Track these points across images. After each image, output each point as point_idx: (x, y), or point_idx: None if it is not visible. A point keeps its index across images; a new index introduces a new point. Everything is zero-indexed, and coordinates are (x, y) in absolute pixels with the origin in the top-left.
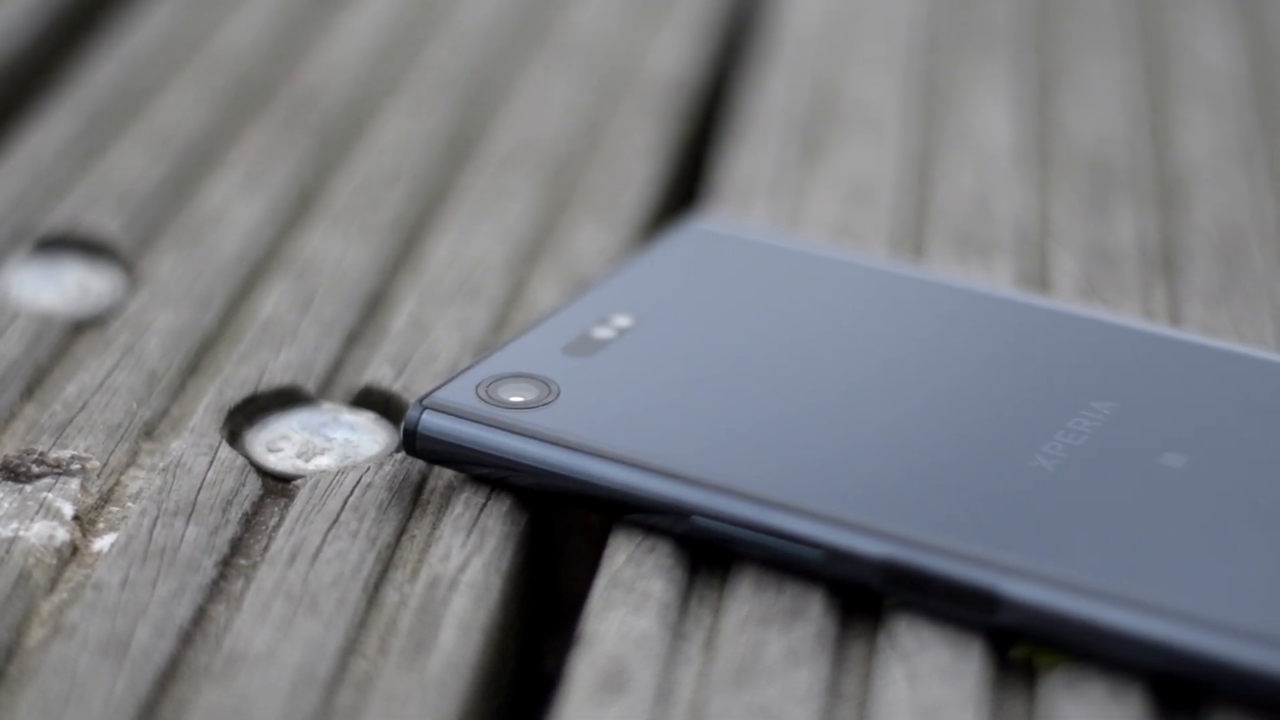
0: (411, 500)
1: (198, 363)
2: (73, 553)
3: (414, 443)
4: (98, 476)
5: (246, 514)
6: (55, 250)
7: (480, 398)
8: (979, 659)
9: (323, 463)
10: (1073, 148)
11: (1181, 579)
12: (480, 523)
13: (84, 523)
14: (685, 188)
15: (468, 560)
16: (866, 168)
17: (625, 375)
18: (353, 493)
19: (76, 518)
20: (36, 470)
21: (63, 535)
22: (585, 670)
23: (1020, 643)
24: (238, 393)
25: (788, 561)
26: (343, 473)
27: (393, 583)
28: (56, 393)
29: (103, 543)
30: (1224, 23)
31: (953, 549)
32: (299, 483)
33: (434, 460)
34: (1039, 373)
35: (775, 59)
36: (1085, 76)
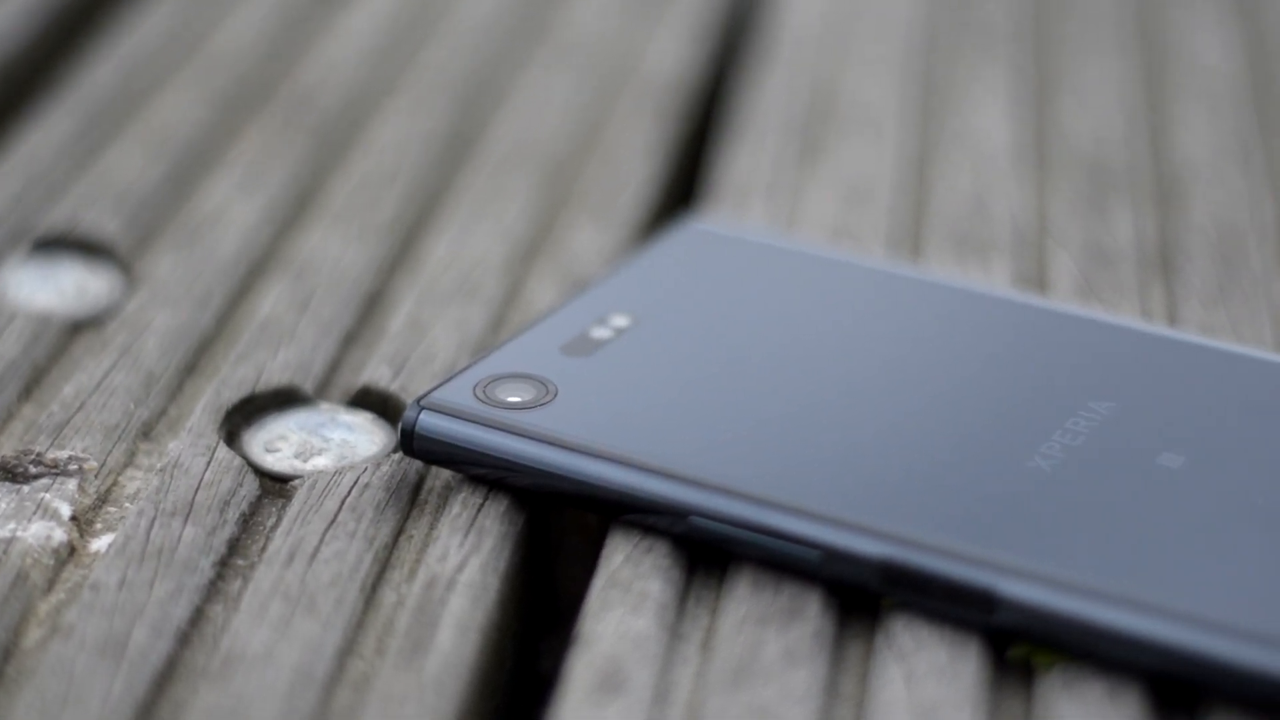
0: (409, 500)
1: (195, 363)
2: (70, 553)
3: (411, 443)
4: (95, 477)
5: (244, 514)
6: (53, 250)
7: (478, 398)
8: (976, 659)
9: (320, 463)
10: (1071, 148)
11: (1179, 579)
12: (478, 523)
13: (81, 523)
14: (683, 188)
15: (465, 560)
16: (864, 168)
17: (623, 375)
18: (350, 493)
19: (74, 518)
20: (34, 471)
21: (60, 536)
22: (583, 670)
23: (1018, 643)
24: (235, 393)
25: (785, 562)
26: (340, 473)
27: (390, 583)
28: (54, 393)
29: (100, 543)
30: (1222, 22)
31: (950, 549)
32: (296, 483)
33: (431, 460)
34: (1037, 373)
35: (773, 59)
36: (1083, 77)
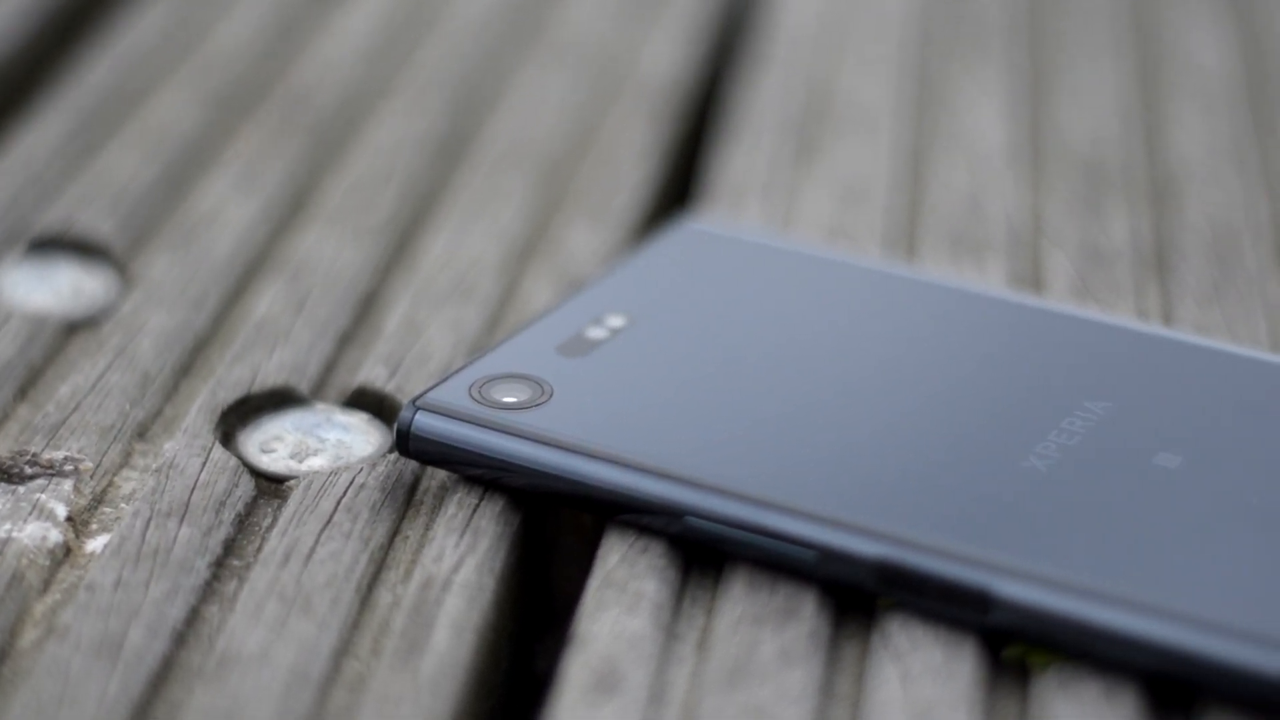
0: (405, 501)
1: (191, 363)
2: (66, 554)
3: (407, 443)
4: (91, 477)
5: (240, 515)
6: (48, 251)
7: (473, 398)
8: (972, 659)
9: (316, 463)
10: (1066, 147)
11: (1175, 579)
12: (473, 523)
13: (77, 524)
14: (679, 188)
15: (461, 561)
16: (860, 168)
17: (618, 376)
18: (346, 493)
19: (70, 519)
20: (30, 471)
21: (56, 536)
22: (578, 671)
23: (1013, 643)
24: (231, 393)
25: (781, 562)
26: (336, 473)
27: (386, 583)
28: (49, 394)
29: (96, 544)
30: (1216, 22)
31: (946, 549)
32: (292, 483)
33: (427, 461)
34: (1032, 372)
35: (768, 59)
36: (1078, 76)
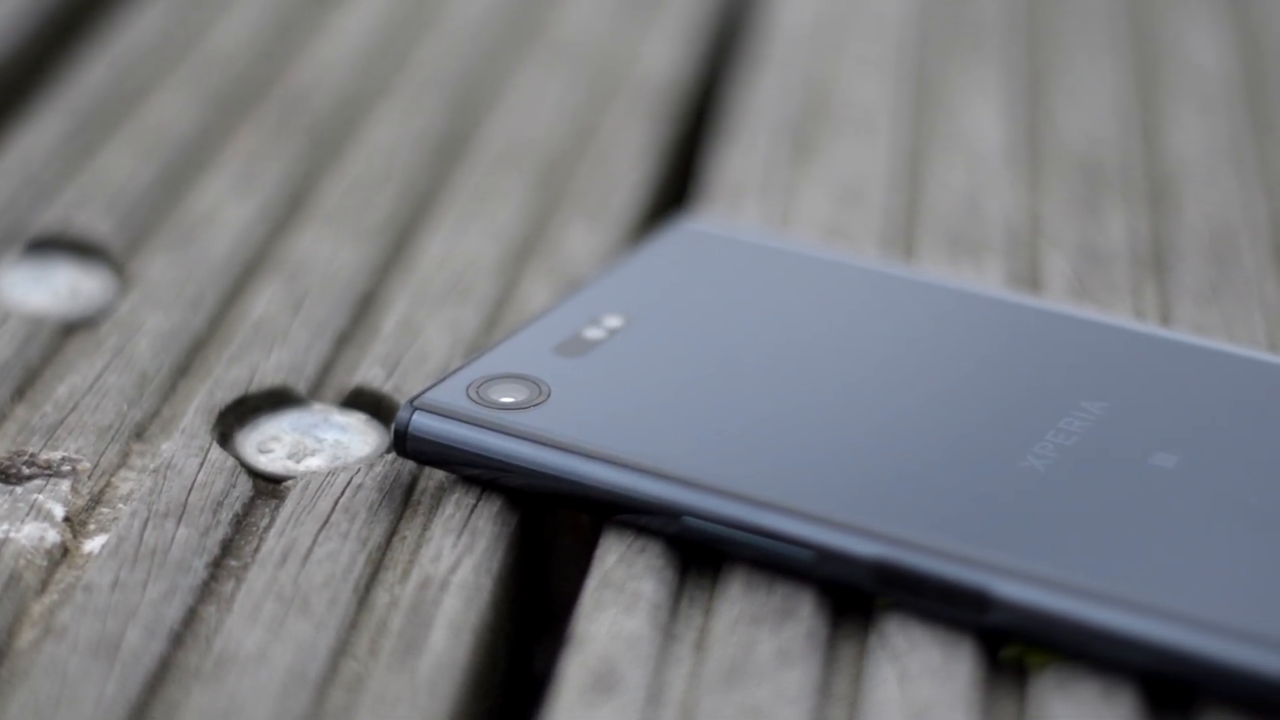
0: (402, 501)
1: (188, 364)
2: (63, 554)
3: (405, 444)
4: (88, 478)
5: (237, 515)
6: (46, 251)
7: (471, 399)
8: (970, 659)
9: (313, 464)
10: (1063, 147)
11: (1172, 579)
12: (471, 523)
13: (75, 524)
14: (676, 188)
15: (458, 561)
16: (857, 168)
17: (616, 376)
18: (343, 494)
19: (67, 519)
20: (27, 472)
21: (53, 537)
22: (576, 671)
23: (1011, 643)
24: (228, 394)
25: (778, 562)
26: (333, 474)
27: (383, 584)
28: (47, 394)
29: (93, 544)
30: (1214, 21)
31: (943, 549)
32: (290, 484)
33: (425, 461)
34: (1030, 373)
35: (766, 59)
36: (1076, 76)
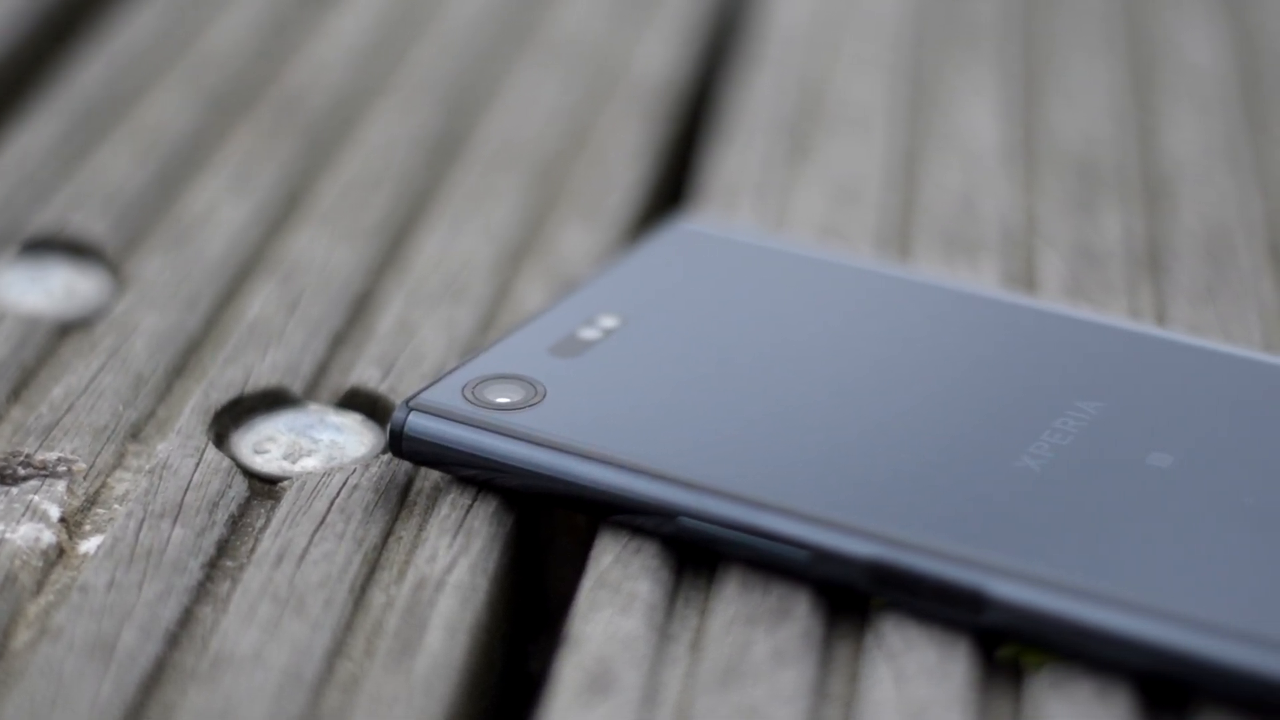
0: (398, 502)
1: (184, 364)
2: (59, 555)
3: (400, 444)
4: (84, 479)
5: (233, 516)
6: (42, 252)
7: (466, 399)
8: (966, 659)
9: (309, 464)
10: (1059, 147)
11: (1168, 579)
12: (466, 524)
13: (70, 525)
14: (672, 188)
15: (454, 561)
16: (853, 167)
17: (611, 376)
18: (339, 494)
19: (63, 520)
20: (23, 472)
21: (49, 537)
22: (571, 671)
23: (1007, 643)
24: (224, 394)
25: (774, 562)
26: (329, 474)
27: (379, 584)
28: (43, 395)
29: (89, 545)
30: (1210, 21)
31: (939, 549)
32: (285, 484)
33: (420, 461)
34: (1025, 373)
35: (761, 59)
36: (1071, 76)
